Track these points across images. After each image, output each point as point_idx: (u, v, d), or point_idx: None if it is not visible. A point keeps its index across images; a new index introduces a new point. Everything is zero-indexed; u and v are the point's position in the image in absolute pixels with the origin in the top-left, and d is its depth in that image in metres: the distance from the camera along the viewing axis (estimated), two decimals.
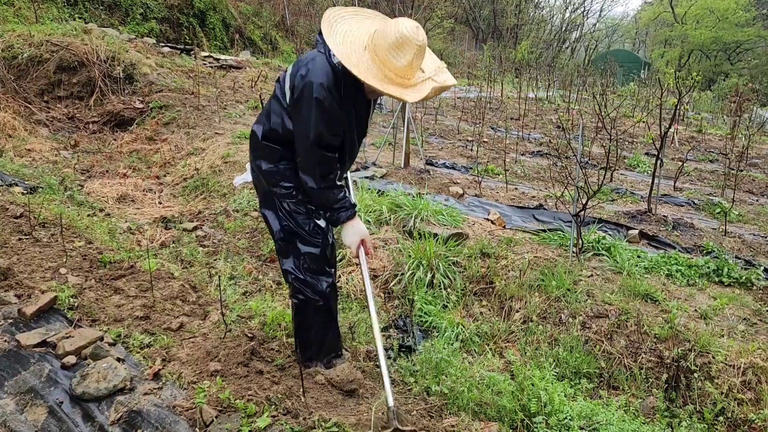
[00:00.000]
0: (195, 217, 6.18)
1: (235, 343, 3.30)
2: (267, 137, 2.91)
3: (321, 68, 2.65)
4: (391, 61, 2.56)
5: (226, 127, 9.01)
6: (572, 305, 4.33)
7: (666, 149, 8.76)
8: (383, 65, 2.58)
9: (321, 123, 2.65)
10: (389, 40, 2.54)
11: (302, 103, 2.68)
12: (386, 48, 2.55)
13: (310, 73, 2.65)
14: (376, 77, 2.57)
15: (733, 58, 40.88)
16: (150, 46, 12.76)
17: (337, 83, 2.66)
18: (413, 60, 2.57)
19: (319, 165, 2.75)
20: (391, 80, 2.59)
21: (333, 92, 2.64)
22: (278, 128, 2.86)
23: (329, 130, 2.69)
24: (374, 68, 2.58)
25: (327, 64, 2.66)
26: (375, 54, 2.59)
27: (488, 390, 3.26)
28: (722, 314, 4.31)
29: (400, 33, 2.53)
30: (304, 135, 2.70)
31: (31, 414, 2.61)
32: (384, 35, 2.56)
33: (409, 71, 2.60)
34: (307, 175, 2.78)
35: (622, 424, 3.14)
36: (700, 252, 5.55)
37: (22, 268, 3.92)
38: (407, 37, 2.53)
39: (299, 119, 2.72)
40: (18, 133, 8.22)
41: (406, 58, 2.55)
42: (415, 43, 2.54)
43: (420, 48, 2.57)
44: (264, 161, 2.94)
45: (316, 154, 2.72)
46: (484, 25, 40.77)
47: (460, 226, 5.47)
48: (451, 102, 16.48)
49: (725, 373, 3.65)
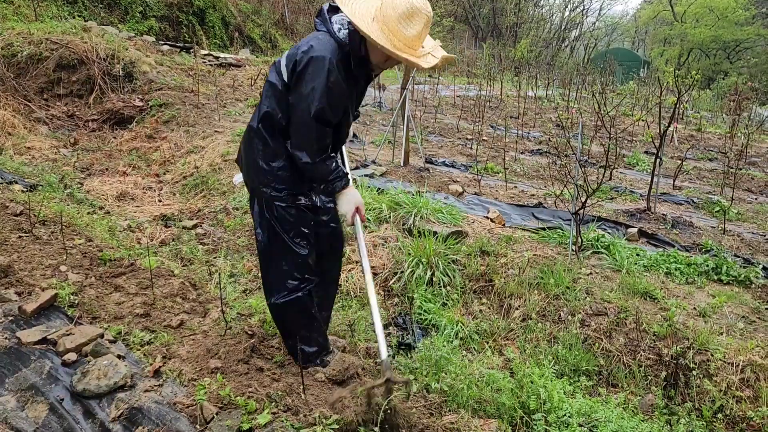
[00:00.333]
0: (195, 215, 6.19)
1: (235, 340, 3.31)
2: (262, 122, 2.86)
3: (327, 43, 2.67)
4: (401, 31, 2.60)
5: (226, 125, 9.01)
6: (571, 303, 4.34)
7: (665, 148, 8.77)
8: (392, 35, 2.61)
9: (324, 97, 2.64)
10: (399, 11, 2.58)
11: (305, 78, 2.66)
12: (396, 18, 2.59)
13: (314, 48, 2.66)
14: (390, 43, 2.61)
15: (733, 56, 40.89)
16: (149, 44, 12.75)
17: (344, 58, 2.69)
18: (422, 30, 2.63)
19: (316, 140, 2.74)
20: (401, 50, 2.63)
21: (339, 67, 2.66)
22: (272, 112, 2.82)
23: (331, 105, 2.69)
24: (383, 38, 2.60)
25: (332, 40, 2.69)
26: (384, 24, 2.62)
27: (488, 387, 3.27)
28: (721, 312, 4.32)
29: (410, 3, 2.58)
30: (304, 109, 2.68)
31: (32, 411, 2.62)
32: (393, 6, 2.60)
33: (417, 41, 2.65)
34: (301, 150, 2.76)
35: (621, 421, 3.15)
36: (699, 250, 5.57)
37: (22, 265, 3.92)
38: (417, 8, 2.59)
39: (299, 94, 2.69)
40: (18, 131, 8.22)
41: (416, 28, 2.61)
42: (425, 14, 2.61)
43: (428, 19, 2.63)
44: (257, 158, 2.89)
45: (314, 129, 2.71)
46: (483, 23, 40.75)
47: (460, 224, 5.48)
48: (451, 100, 16.48)
49: (724, 371, 3.66)
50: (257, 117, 2.89)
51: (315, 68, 2.63)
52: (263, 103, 2.87)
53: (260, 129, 2.86)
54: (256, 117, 2.90)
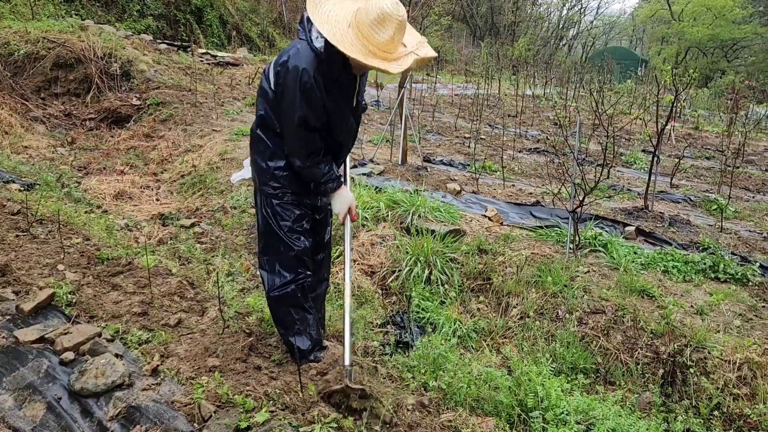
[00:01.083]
0: (192, 213, 6.19)
1: (233, 339, 3.31)
2: (259, 126, 3.04)
3: (303, 53, 2.78)
4: (374, 37, 2.67)
5: (224, 124, 9.01)
6: (569, 301, 4.34)
7: (663, 146, 8.78)
8: (366, 41, 2.69)
9: (304, 105, 2.78)
10: (371, 17, 2.66)
11: (286, 88, 2.80)
12: (368, 24, 2.66)
13: (291, 59, 2.78)
14: (360, 52, 2.68)
15: (730, 55, 40.89)
16: (147, 43, 12.74)
17: (320, 67, 2.78)
18: (394, 34, 2.69)
19: (305, 146, 2.90)
20: (375, 54, 2.70)
21: (316, 76, 2.76)
22: (266, 116, 2.99)
23: (312, 112, 2.82)
24: (358, 44, 2.69)
25: (308, 49, 2.78)
26: (358, 30, 2.70)
27: (485, 385, 3.28)
28: (718, 310, 4.33)
29: (381, 9, 2.65)
30: (289, 117, 2.84)
31: (29, 410, 2.61)
32: (366, 12, 2.68)
33: (391, 45, 2.71)
34: (294, 156, 2.93)
35: (619, 419, 3.16)
36: (696, 248, 5.57)
37: (19, 264, 3.92)
38: (387, 13, 2.65)
39: (284, 103, 2.85)
40: (15, 130, 8.21)
41: (388, 32, 2.66)
42: (396, 18, 2.65)
43: (400, 23, 2.68)
44: (258, 157, 3.07)
45: (301, 135, 2.86)
46: (481, 22, 40.75)
47: (458, 222, 5.48)
48: (449, 99, 16.48)
49: (721, 369, 3.67)
50: (255, 121, 3.07)
51: (291, 79, 2.77)
52: (258, 108, 3.04)
53: (258, 132, 3.04)
54: (255, 120, 3.07)
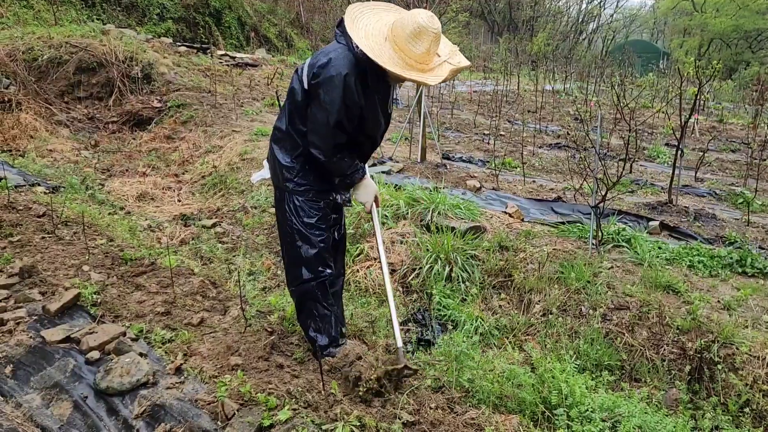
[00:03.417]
0: (214, 214, 6.24)
1: (255, 337, 3.33)
2: (288, 124, 3.07)
3: (345, 58, 2.82)
4: (410, 50, 2.76)
5: (243, 124, 9.06)
6: (592, 297, 4.29)
7: (686, 140, 8.65)
8: (403, 53, 2.78)
9: (343, 110, 2.82)
10: (407, 31, 2.74)
11: (324, 91, 2.83)
12: (405, 38, 2.75)
13: (333, 62, 2.81)
14: (398, 65, 2.77)
15: (755, 46, 40.07)
16: (167, 45, 12.88)
17: (361, 73, 2.82)
18: (430, 47, 2.78)
19: (335, 145, 2.93)
20: (412, 66, 2.79)
21: (357, 82, 2.81)
22: (294, 115, 3.03)
23: (348, 116, 2.86)
24: (396, 57, 2.79)
25: (351, 55, 2.83)
26: (395, 44, 2.78)
27: (508, 383, 3.25)
28: (746, 305, 4.24)
29: (416, 23, 2.73)
30: (323, 118, 2.86)
31: (56, 408, 2.66)
32: (402, 26, 2.76)
33: (427, 57, 2.80)
34: (318, 149, 2.95)
35: (645, 416, 3.10)
36: (722, 242, 5.47)
37: (45, 265, 3.98)
38: (423, 27, 2.73)
39: (319, 104, 2.87)
40: (39, 134, 8.35)
41: (424, 45, 2.76)
42: (432, 32, 2.74)
43: (435, 36, 2.76)
44: (284, 154, 3.09)
45: (335, 135, 2.90)
46: (499, 18, 40.50)
47: (478, 219, 5.44)
48: (467, 96, 16.40)
49: (750, 365, 3.60)
50: (282, 118, 3.11)
51: (332, 84, 2.80)
52: (287, 106, 3.08)
53: (287, 130, 3.07)
54: (281, 118, 3.12)
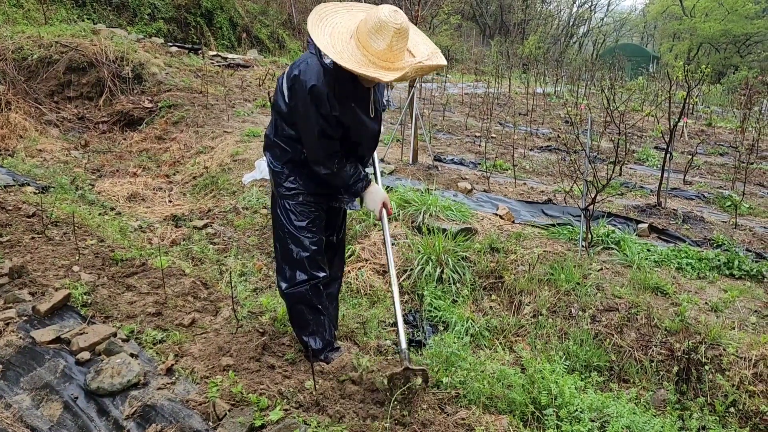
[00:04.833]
0: (205, 214, 6.22)
1: (246, 338, 3.33)
2: (273, 132, 3.09)
3: (312, 69, 2.77)
4: (371, 46, 2.65)
5: (235, 125, 9.05)
6: (582, 299, 4.33)
7: (675, 143, 8.72)
8: (366, 50, 2.67)
9: (320, 119, 2.80)
10: (369, 26, 2.64)
11: (299, 104, 2.84)
12: (366, 33, 2.65)
13: (301, 74, 2.79)
14: (358, 62, 2.65)
15: (743, 50, 40.44)
16: (158, 45, 12.83)
17: (330, 81, 2.76)
18: (392, 43, 2.64)
19: (327, 155, 2.93)
20: (375, 64, 2.66)
21: (326, 92, 2.75)
22: (279, 123, 3.04)
23: (328, 125, 2.83)
24: (359, 54, 2.67)
25: (318, 64, 2.77)
26: (358, 40, 2.69)
27: (499, 383, 3.27)
28: (733, 307, 4.29)
29: (377, 18, 2.63)
30: (308, 131, 2.87)
31: (46, 409, 2.65)
32: (366, 22, 2.67)
33: (390, 54, 2.66)
34: (318, 165, 2.96)
35: (633, 416, 3.13)
36: (710, 245, 5.53)
37: (35, 266, 3.96)
38: (384, 22, 2.61)
39: (299, 117, 2.88)
40: (29, 134, 8.30)
41: (385, 41, 2.63)
42: (392, 27, 2.61)
43: (398, 31, 2.63)
44: (273, 161, 3.11)
45: (323, 145, 2.89)
46: (491, 20, 40.63)
47: (469, 221, 5.47)
48: (459, 98, 16.45)
49: (736, 366, 3.64)
50: (270, 126, 3.13)
51: (303, 95, 2.79)
52: (273, 114, 3.10)
53: (273, 138, 3.09)
54: (269, 126, 3.14)
